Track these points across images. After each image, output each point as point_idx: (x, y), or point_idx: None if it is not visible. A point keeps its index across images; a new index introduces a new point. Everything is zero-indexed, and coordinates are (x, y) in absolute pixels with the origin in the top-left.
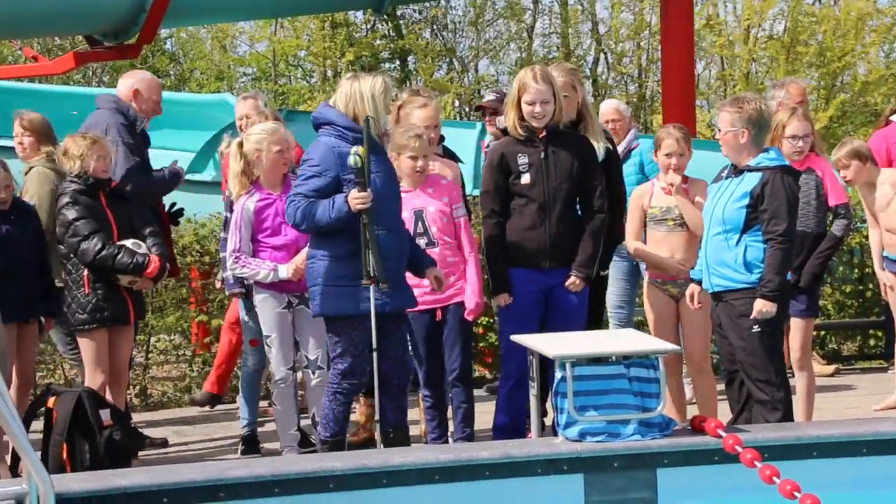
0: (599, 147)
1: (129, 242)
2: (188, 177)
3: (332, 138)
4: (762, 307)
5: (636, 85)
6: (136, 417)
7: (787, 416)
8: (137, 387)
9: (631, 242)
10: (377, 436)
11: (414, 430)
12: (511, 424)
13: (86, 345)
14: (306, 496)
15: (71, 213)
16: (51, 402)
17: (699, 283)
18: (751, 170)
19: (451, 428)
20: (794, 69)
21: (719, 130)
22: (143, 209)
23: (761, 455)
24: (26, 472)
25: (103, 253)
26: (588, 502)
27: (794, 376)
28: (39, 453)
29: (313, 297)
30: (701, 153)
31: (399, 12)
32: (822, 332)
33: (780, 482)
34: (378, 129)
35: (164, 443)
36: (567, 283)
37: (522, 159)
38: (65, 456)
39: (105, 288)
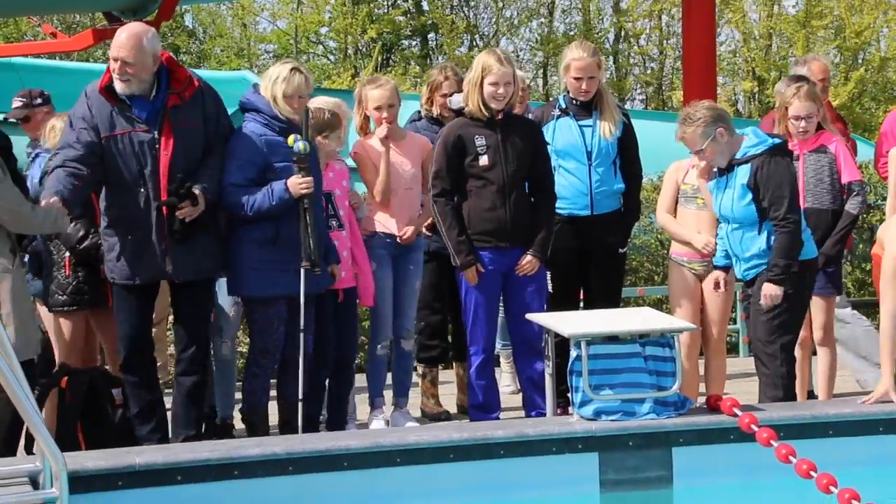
0: (616, 122)
1: None
2: None
3: (258, 125)
4: (768, 290)
5: (656, 62)
6: None
7: (788, 395)
8: None
9: (661, 214)
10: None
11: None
12: (484, 402)
13: (64, 326)
14: (320, 474)
15: None
16: (64, 381)
17: (724, 269)
18: (739, 162)
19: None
20: (811, 44)
21: (701, 152)
22: None
23: (777, 434)
24: (39, 450)
25: (86, 242)
26: (603, 481)
27: (816, 354)
28: (54, 432)
29: (231, 277)
30: None
31: None
32: None
33: (796, 461)
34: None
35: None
36: (523, 263)
37: (480, 141)
38: (79, 435)
39: (86, 272)
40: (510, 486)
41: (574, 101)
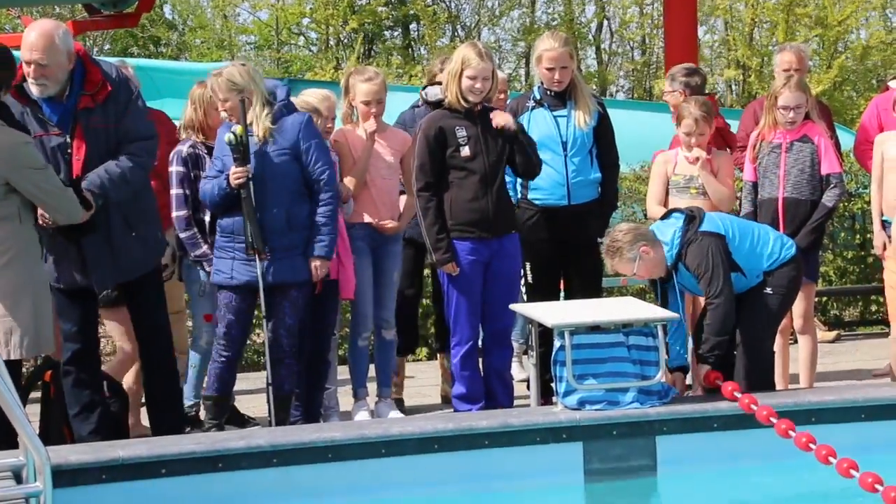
0: (591, 111)
1: None
2: None
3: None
4: (700, 371)
5: (640, 51)
6: None
7: (763, 379)
8: None
9: (652, 206)
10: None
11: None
12: (468, 392)
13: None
14: (305, 466)
15: None
16: (48, 375)
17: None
18: (673, 268)
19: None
20: (794, 31)
21: (634, 274)
22: None
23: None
24: (23, 444)
25: None
26: (587, 470)
27: (797, 342)
28: (38, 426)
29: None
30: None
31: None
32: (824, 298)
33: (800, 438)
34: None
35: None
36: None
37: (461, 132)
38: (64, 428)
39: None
40: (495, 475)
41: (548, 92)
